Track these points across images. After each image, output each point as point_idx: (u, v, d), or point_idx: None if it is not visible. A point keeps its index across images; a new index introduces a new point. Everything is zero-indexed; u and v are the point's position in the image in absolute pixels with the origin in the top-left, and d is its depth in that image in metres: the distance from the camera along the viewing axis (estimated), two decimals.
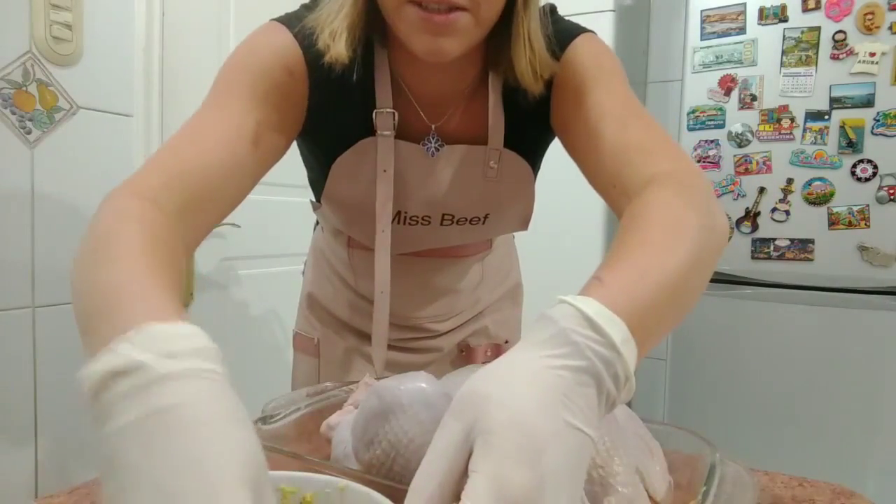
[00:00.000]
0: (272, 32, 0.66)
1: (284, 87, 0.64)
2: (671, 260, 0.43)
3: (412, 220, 0.76)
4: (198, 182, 0.55)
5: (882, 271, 1.75)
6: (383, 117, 0.68)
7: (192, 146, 0.58)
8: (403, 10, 0.58)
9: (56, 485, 1.26)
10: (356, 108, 0.69)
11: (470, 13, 0.58)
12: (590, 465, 0.41)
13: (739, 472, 0.47)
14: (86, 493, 0.64)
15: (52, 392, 1.31)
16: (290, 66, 0.64)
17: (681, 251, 0.44)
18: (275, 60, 0.64)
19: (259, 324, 1.76)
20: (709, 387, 2.00)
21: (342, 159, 0.70)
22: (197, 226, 0.56)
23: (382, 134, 0.69)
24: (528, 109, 0.69)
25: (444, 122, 0.72)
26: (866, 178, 1.76)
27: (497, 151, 0.72)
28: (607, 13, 1.99)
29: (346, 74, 0.65)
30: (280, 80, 0.64)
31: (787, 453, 1.87)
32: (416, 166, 0.72)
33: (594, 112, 0.63)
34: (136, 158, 1.45)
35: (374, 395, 0.50)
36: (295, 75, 0.65)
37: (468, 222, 0.77)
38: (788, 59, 1.83)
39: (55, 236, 1.30)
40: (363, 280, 0.86)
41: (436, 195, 0.74)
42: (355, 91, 0.68)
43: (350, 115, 0.69)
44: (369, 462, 0.49)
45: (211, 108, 0.62)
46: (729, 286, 1.95)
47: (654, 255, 0.43)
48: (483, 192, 0.74)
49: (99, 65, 1.37)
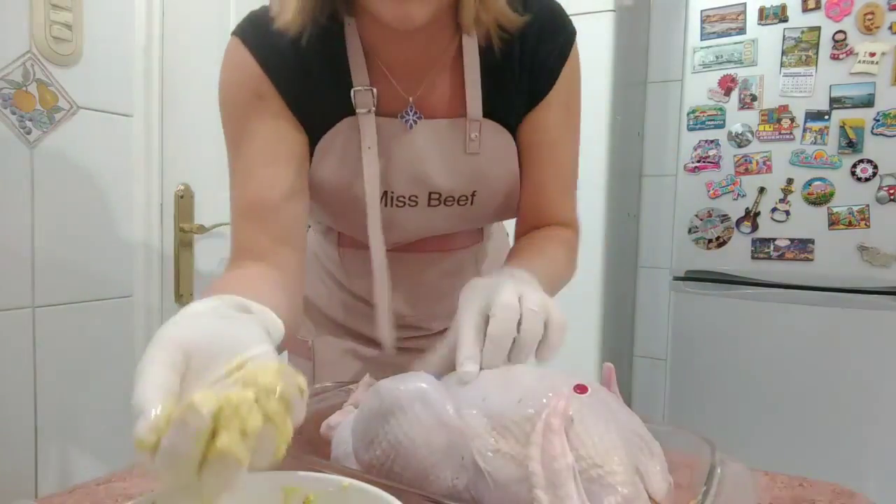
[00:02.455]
0: (231, 57, 0.68)
1: (263, 108, 0.67)
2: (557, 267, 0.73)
3: (399, 202, 0.74)
4: (277, 224, 0.66)
5: (882, 271, 1.75)
6: (361, 94, 0.68)
7: (253, 207, 0.67)
8: None
9: (56, 485, 1.26)
10: (332, 89, 0.68)
11: None
12: (589, 465, 0.41)
13: (739, 472, 0.47)
14: (86, 493, 0.64)
15: (52, 392, 1.31)
16: (256, 90, 0.67)
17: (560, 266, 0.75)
18: (241, 93, 0.67)
19: None
20: (709, 387, 2.00)
21: (323, 143, 0.70)
22: (297, 248, 0.69)
23: (361, 112, 0.68)
24: (513, 79, 0.70)
25: (423, 94, 0.71)
26: (866, 178, 1.76)
27: (477, 122, 0.71)
28: (607, 13, 1.98)
29: (314, 56, 0.66)
30: (256, 105, 0.67)
31: (787, 453, 1.87)
32: (397, 142, 0.70)
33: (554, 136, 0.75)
34: (136, 158, 1.45)
35: (374, 395, 0.50)
36: (264, 94, 0.67)
37: (456, 202, 0.75)
38: (788, 59, 1.83)
39: (55, 236, 1.30)
40: (357, 280, 0.85)
41: (419, 171, 0.72)
42: (326, 71, 0.68)
43: (327, 97, 0.69)
44: (369, 462, 0.49)
45: (236, 160, 0.69)
46: (729, 286, 1.95)
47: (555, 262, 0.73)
48: (466, 167, 0.73)
49: (99, 65, 1.37)
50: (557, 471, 0.40)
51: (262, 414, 0.35)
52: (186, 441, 0.32)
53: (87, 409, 1.38)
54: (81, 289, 1.34)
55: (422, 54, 0.69)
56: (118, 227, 1.43)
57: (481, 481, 0.45)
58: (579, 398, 0.44)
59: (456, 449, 0.46)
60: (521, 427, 0.44)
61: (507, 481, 0.44)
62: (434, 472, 0.46)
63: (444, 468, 0.46)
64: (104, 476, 0.69)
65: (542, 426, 0.42)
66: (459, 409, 0.47)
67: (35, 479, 1.29)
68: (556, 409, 0.42)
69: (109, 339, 1.42)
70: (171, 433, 0.33)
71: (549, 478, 0.40)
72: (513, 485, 0.43)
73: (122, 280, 1.44)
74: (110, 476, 0.69)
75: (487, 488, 0.45)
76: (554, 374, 0.50)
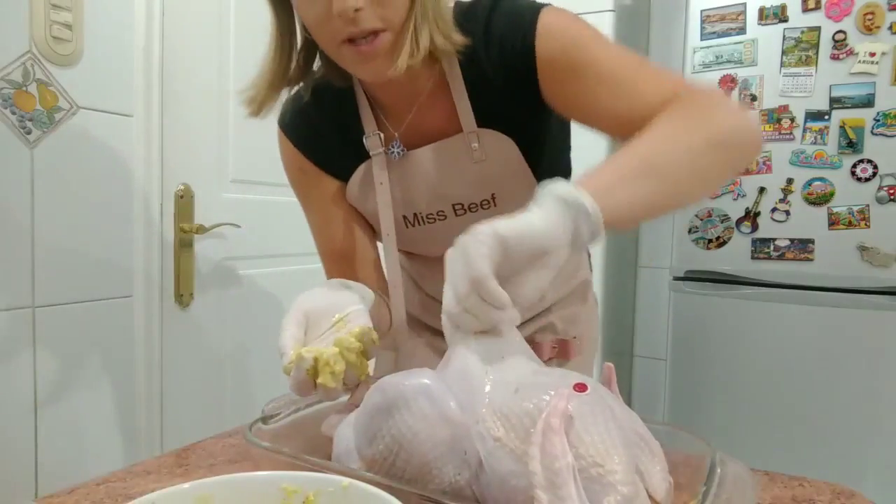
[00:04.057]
0: (280, 144, 0.87)
1: (307, 179, 0.86)
2: (640, 146, 0.59)
3: (429, 219, 0.82)
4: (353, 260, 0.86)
5: (882, 271, 1.75)
6: (372, 139, 0.80)
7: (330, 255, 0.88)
8: (340, 52, 0.68)
9: (56, 485, 1.25)
10: (349, 143, 0.81)
11: (388, 30, 0.66)
12: (589, 464, 0.41)
13: (739, 472, 0.47)
14: (86, 493, 0.64)
15: (52, 392, 1.31)
16: (299, 166, 0.85)
17: (651, 137, 0.59)
18: (292, 170, 0.87)
19: (259, 324, 1.76)
20: (709, 387, 2.00)
21: (351, 183, 0.84)
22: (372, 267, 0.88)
23: (374, 153, 0.80)
24: (498, 87, 0.73)
25: (414, 122, 0.79)
26: (866, 178, 1.76)
27: (474, 133, 0.76)
28: (607, 13, 1.99)
29: (331, 120, 0.82)
30: (302, 177, 0.86)
31: (787, 453, 1.87)
32: (407, 172, 0.80)
33: (592, 74, 0.69)
34: (136, 158, 1.45)
35: (377, 390, 0.50)
36: (304, 168, 0.85)
37: (479, 207, 0.80)
38: (788, 59, 1.83)
39: (55, 236, 1.30)
40: (427, 281, 0.95)
41: (437, 190, 0.80)
42: (343, 129, 0.82)
43: (346, 151, 0.82)
44: (372, 458, 0.49)
45: (308, 217, 0.89)
46: (729, 286, 1.95)
47: (626, 149, 0.58)
48: (478, 174, 0.78)
49: (99, 65, 1.37)
50: (557, 470, 0.40)
51: (344, 361, 0.59)
52: (300, 373, 0.57)
53: (87, 409, 1.38)
54: (81, 289, 1.34)
55: (407, 91, 0.77)
56: (118, 227, 1.43)
57: (483, 477, 0.45)
58: (579, 397, 0.44)
59: (459, 444, 0.46)
60: (522, 422, 0.44)
61: (507, 475, 0.44)
62: (437, 467, 0.46)
63: (447, 463, 0.46)
64: (104, 476, 0.69)
65: (542, 425, 0.42)
66: (462, 404, 0.47)
67: (35, 479, 1.29)
68: (556, 409, 0.42)
69: (109, 339, 1.42)
70: (293, 370, 0.57)
71: (549, 478, 0.40)
72: (512, 479, 0.43)
73: (122, 280, 1.44)
74: (110, 476, 0.69)
75: (488, 484, 0.45)
76: (554, 372, 0.50)
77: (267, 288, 1.80)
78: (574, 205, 0.51)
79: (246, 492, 0.41)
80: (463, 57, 0.73)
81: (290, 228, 1.82)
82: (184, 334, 1.59)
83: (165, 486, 0.39)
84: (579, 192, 0.51)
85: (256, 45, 0.78)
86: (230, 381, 1.72)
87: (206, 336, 1.64)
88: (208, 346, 1.65)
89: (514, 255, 0.49)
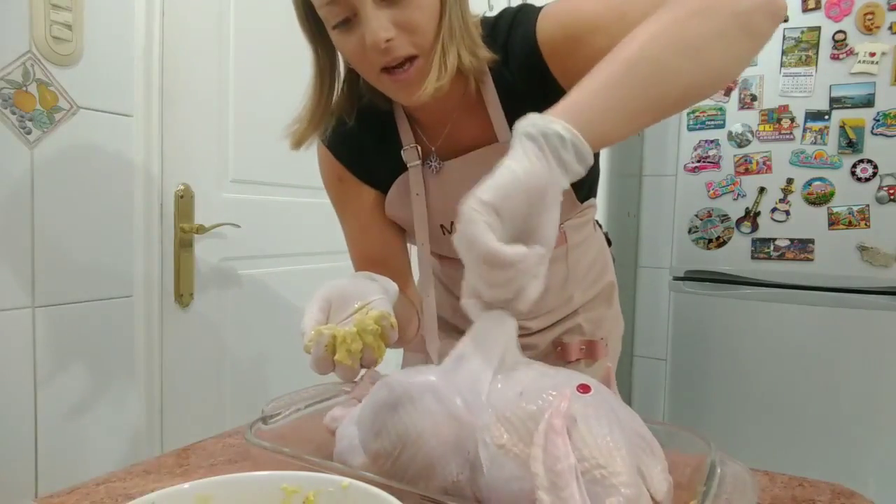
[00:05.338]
0: (319, 154, 0.90)
1: (345, 187, 0.89)
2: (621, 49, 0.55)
3: None
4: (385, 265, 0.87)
5: (882, 271, 1.75)
6: (409, 152, 0.83)
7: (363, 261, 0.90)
8: (380, 81, 0.72)
9: (56, 485, 1.25)
10: (387, 154, 0.85)
11: (420, 56, 0.68)
12: (592, 465, 0.41)
13: (739, 472, 0.47)
14: (86, 493, 0.64)
15: (52, 392, 1.31)
16: (338, 175, 0.88)
17: (632, 37, 0.55)
18: (330, 178, 0.90)
19: (259, 324, 1.76)
20: (709, 387, 2.00)
21: (390, 194, 0.87)
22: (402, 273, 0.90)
23: (412, 165, 0.83)
24: (524, 93, 0.74)
25: (450, 135, 0.81)
26: (866, 178, 1.76)
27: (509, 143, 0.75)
28: None
29: (370, 134, 0.84)
30: (339, 185, 0.89)
31: (787, 453, 1.87)
32: (442, 183, 0.83)
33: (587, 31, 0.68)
34: (136, 158, 1.44)
35: (383, 386, 0.50)
36: (342, 177, 0.88)
37: None
38: (788, 59, 1.83)
39: (55, 236, 1.29)
40: (457, 286, 0.95)
41: None
42: (381, 143, 0.85)
43: (384, 162, 0.85)
44: (377, 451, 0.49)
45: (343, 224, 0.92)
46: (729, 286, 1.95)
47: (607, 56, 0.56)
48: None
49: (99, 65, 1.37)
50: (560, 472, 0.40)
51: (362, 341, 0.62)
52: (319, 350, 0.61)
53: (87, 409, 1.38)
54: (81, 289, 1.34)
55: (443, 107, 0.79)
56: (118, 227, 1.43)
57: (482, 480, 0.45)
58: (582, 398, 0.44)
59: (463, 442, 0.46)
60: (525, 425, 0.44)
61: (510, 479, 0.44)
62: (440, 464, 0.46)
63: (451, 461, 0.46)
64: (104, 476, 0.69)
65: (545, 426, 0.42)
66: (467, 403, 0.47)
67: (35, 479, 1.29)
68: (558, 410, 0.42)
69: (109, 339, 1.41)
70: (313, 347, 0.62)
71: (552, 479, 0.40)
72: (515, 483, 0.43)
73: (122, 280, 1.44)
74: (110, 476, 0.69)
75: (489, 485, 0.45)
76: (560, 373, 0.50)
77: (267, 288, 1.80)
78: (545, 135, 0.51)
79: (246, 492, 0.41)
80: (493, 70, 0.75)
81: (291, 228, 1.81)
82: (184, 334, 1.58)
83: (165, 486, 0.39)
84: (548, 120, 0.51)
85: (257, 45, 0.79)
86: (230, 381, 1.72)
87: (206, 336, 1.64)
88: (208, 346, 1.65)
89: (512, 209, 0.49)
